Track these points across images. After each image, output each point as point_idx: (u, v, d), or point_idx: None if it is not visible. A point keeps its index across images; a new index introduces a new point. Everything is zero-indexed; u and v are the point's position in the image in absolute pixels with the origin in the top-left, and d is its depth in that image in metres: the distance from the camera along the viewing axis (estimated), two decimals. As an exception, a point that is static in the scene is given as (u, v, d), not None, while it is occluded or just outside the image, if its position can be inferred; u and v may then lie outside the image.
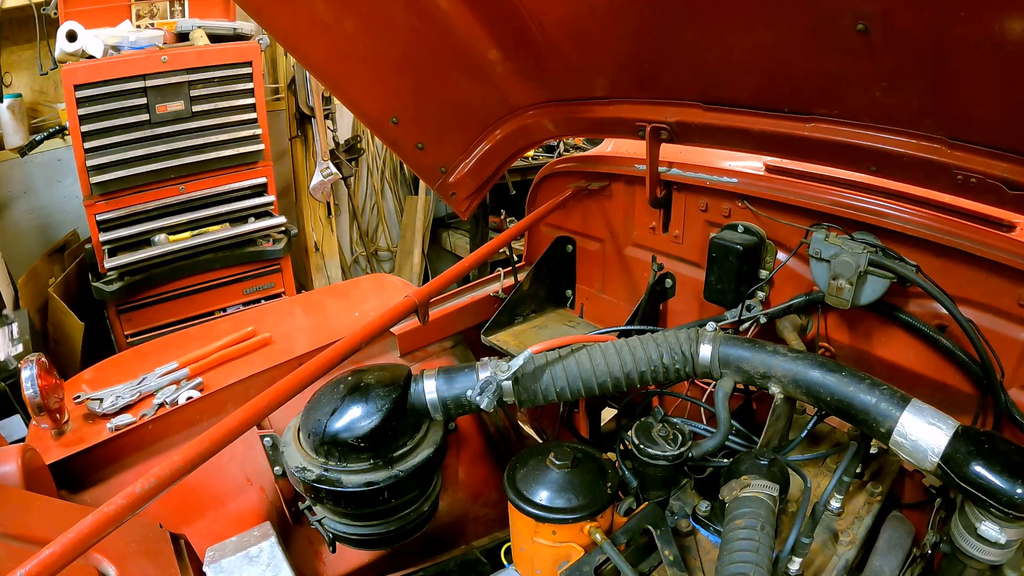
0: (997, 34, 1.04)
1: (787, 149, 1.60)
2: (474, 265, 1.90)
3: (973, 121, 1.27)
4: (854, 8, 1.16)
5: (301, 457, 1.46)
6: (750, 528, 1.16)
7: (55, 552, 0.97)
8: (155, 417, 1.75)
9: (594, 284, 2.33)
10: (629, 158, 2.04)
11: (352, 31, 1.63)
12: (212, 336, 2.15)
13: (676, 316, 2.10)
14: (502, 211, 2.48)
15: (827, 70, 1.36)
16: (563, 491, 1.32)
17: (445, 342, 2.26)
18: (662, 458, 1.38)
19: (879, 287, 1.49)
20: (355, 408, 1.42)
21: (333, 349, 1.47)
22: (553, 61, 1.78)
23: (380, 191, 5.80)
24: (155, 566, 1.28)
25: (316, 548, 1.83)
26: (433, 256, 5.94)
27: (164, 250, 3.56)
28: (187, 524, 1.61)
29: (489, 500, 2.12)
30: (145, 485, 1.09)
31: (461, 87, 1.90)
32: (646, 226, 2.08)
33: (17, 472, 1.39)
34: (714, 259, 1.76)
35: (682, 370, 1.47)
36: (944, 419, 1.18)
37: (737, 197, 1.80)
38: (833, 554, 1.33)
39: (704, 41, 1.47)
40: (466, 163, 2.11)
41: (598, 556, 1.26)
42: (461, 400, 1.45)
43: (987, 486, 1.10)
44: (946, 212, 1.48)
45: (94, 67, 3.24)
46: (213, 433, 1.21)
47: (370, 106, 1.84)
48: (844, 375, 1.30)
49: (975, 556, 1.19)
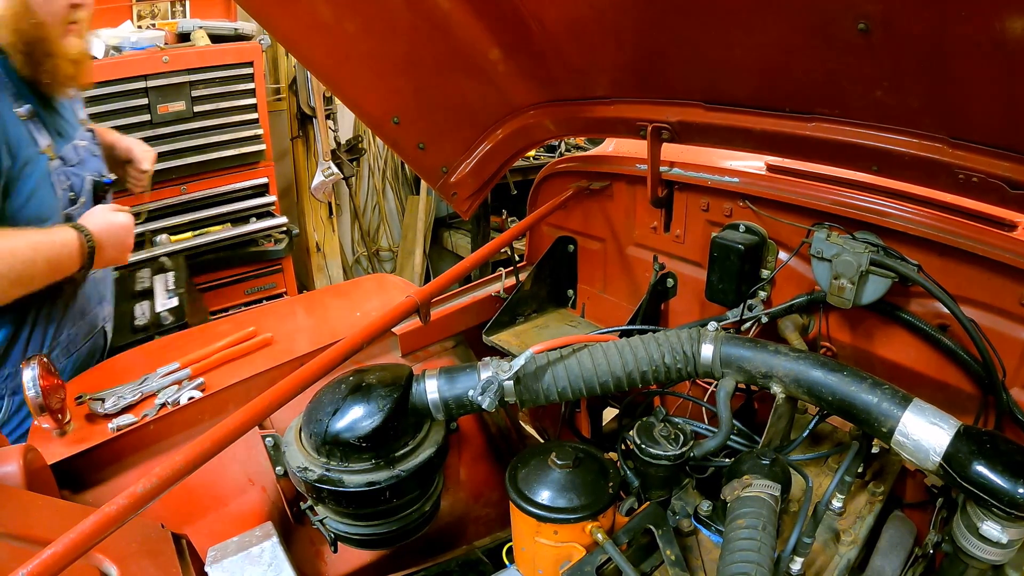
0: (998, 33, 1.04)
1: (788, 149, 1.60)
2: (475, 265, 1.90)
3: (974, 120, 1.27)
4: (855, 8, 1.16)
5: (303, 457, 1.46)
6: (752, 528, 1.16)
7: (57, 552, 0.97)
8: (157, 417, 1.75)
9: (595, 284, 2.33)
10: (630, 158, 2.04)
11: (353, 31, 1.64)
12: (213, 336, 2.15)
13: (677, 316, 2.10)
14: (503, 211, 2.49)
15: (828, 69, 1.35)
16: (565, 491, 1.32)
17: (446, 342, 2.26)
18: (664, 458, 1.38)
19: (881, 287, 1.49)
20: (357, 408, 1.42)
21: (334, 349, 1.47)
22: (554, 61, 1.78)
23: (381, 191, 5.80)
24: (157, 566, 1.28)
25: (318, 548, 1.84)
26: (434, 256, 5.94)
27: (166, 250, 3.57)
28: (189, 524, 1.61)
29: (490, 500, 2.12)
30: (147, 485, 1.09)
31: (462, 87, 1.90)
32: (647, 226, 2.08)
33: (19, 472, 1.39)
34: (715, 259, 1.76)
35: (684, 370, 1.47)
36: (946, 419, 1.18)
37: (739, 197, 1.80)
38: (835, 554, 1.33)
39: (705, 41, 1.47)
40: (467, 163, 2.11)
41: (600, 556, 1.26)
42: (463, 400, 1.45)
43: (989, 486, 1.09)
44: (948, 211, 1.48)
45: (95, 67, 3.23)
46: (215, 433, 1.21)
47: (371, 106, 1.84)
48: (846, 375, 1.30)
49: (977, 556, 1.19)
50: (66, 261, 1.87)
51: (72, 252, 1.87)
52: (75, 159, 2.12)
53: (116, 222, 2.02)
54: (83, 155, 2.17)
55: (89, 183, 2.17)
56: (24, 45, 1.86)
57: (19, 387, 2.08)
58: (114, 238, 2.00)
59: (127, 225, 2.07)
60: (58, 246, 1.85)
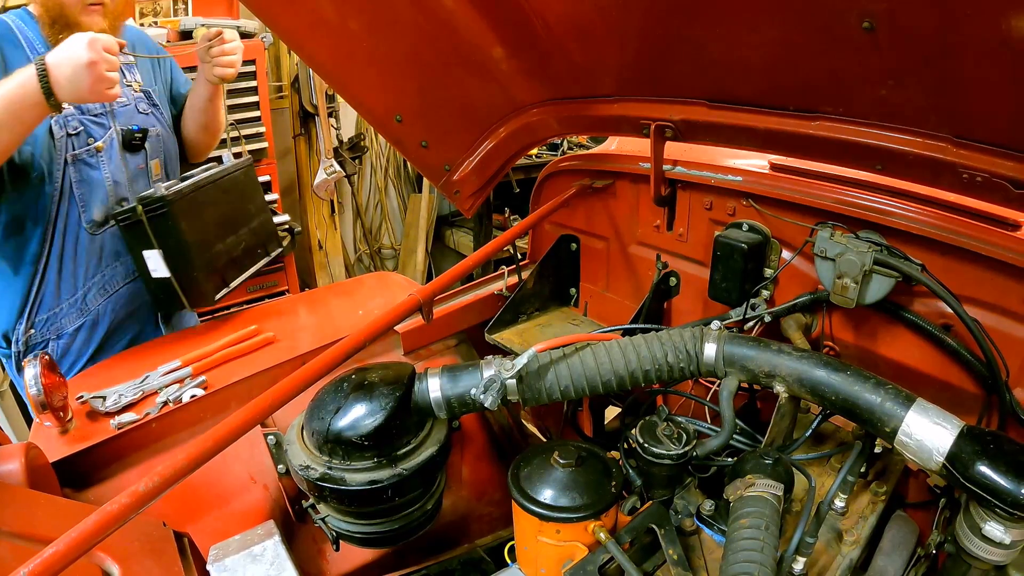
0: (1004, 32, 1.03)
1: (792, 147, 1.60)
2: (478, 263, 1.90)
3: (979, 119, 1.26)
4: (860, 6, 1.16)
5: (305, 455, 1.46)
6: (754, 527, 1.16)
7: (59, 550, 0.97)
8: (159, 415, 1.75)
9: (598, 282, 2.33)
10: (633, 156, 2.03)
11: (356, 29, 1.63)
12: (215, 334, 2.16)
13: (680, 315, 2.10)
14: (506, 209, 2.49)
15: (833, 68, 1.35)
16: (567, 490, 1.32)
17: (449, 340, 2.26)
18: (666, 457, 1.38)
19: (884, 286, 1.49)
20: (359, 406, 1.42)
21: (337, 347, 1.47)
22: (557, 59, 1.78)
23: (384, 189, 5.80)
24: (159, 564, 1.29)
25: (320, 546, 1.84)
26: (437, 254, 5.94)
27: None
28: (191, 522, 1.61)
29: (493, 499, 2.12)
30: (149, 484, 1.09)
31: (465, 85, 1.90)
32: (650, 224, 2.08)
33: (20, 470, 1.40)
34: (719, 257, 1.76)
35: (686, 369, 1.47)
36: (949, 419, 1.18)
37: (742, 195, 1.79)
38: (837, 554, 1.33)
39: (709, 39, 1.47)
40: (470, 161, 2.11)
41: (602, 555, 1.26)
42: (465, 398, 1.45)
43: (992, 486, 1.09)
44: (952, 211, 1.48)
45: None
46: (217, 431, 1.21)
47: (374, 104, 1.84)
48: (849, 374, 1.30)
49: (980, 556, 1.19)
50: (28, 96, 1.78)
51: (29, 87, 1.78)
52: (98, 109, 2.18)
53: (73, 49, 1.77)
54: (114, 107, 2.22)
55: (116, 132, 2.23)
56: (49, 18, 2.05)
57: (62, 329, 2.24)
58: (70, 65, 1.76)
59: (84, 48, 1.76)
60: (15, 83, 1.79)
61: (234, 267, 2.38)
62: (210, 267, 2.22)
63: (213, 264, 2.24)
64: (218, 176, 2.30)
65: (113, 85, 1.82)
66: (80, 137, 2.15)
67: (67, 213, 2.17)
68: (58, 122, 2.09)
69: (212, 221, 2.26)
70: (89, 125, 2.16)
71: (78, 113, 2.14)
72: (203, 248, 2.20)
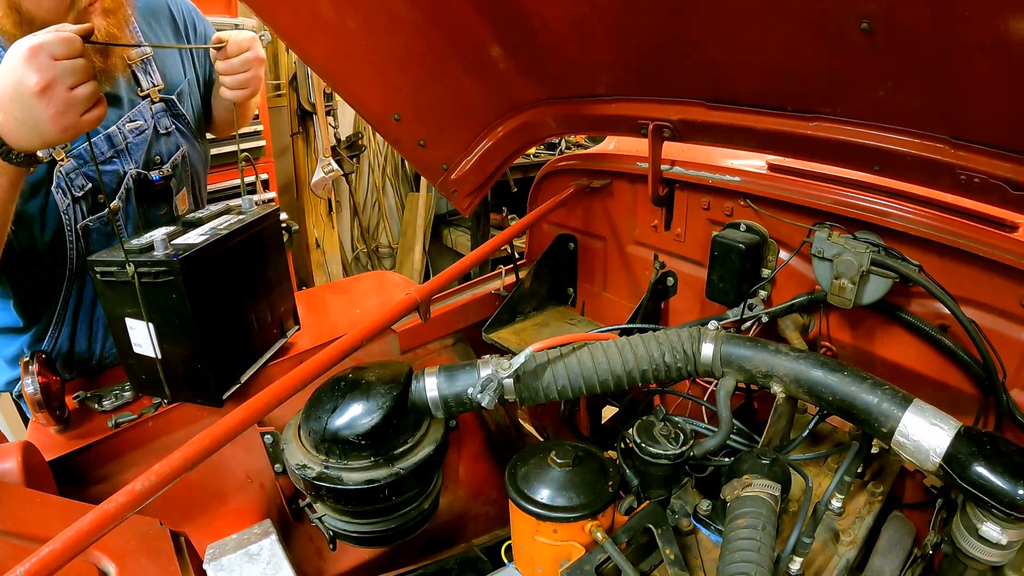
0: (1002, 34, 1.04)
1: (790, 148, 1.60)
2: (475, 263, 1.90)
3: (977, 121, 1.26)
4: (858, 7, 1.16)
5: (302, 454, 1.46)
6: (751, 527, 1.16)
7: (55, 549, 0.97)
8: (156, 414, 1.74)
9: (596, 282, 2.33)
10: (631, 156, 2.03)
11: (355, 28, 1.63)
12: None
13: (678, 315, 2.10)
14: (504, 208, 2.49)
15: (831, 69, 1.35)
16: (564, 490, 1.32)
17: (446, 339, 2.26)
18: (663, 457, 1.38)
19: (881, 287, 1.49)
20: (356, 405, 1.42)
21: (334, 346, 1.47)
22: (556, 58, 1.78)
23: (381, 188, 5.80)
24: (155, 564, 1.28)
25: (316, 545, 1.84)
26: (434, 253, 5.94)
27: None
28: (187, 521, 1.61)
29: (490, 498, 2.12)
30: (145, 483, 1.09)
31: (463, 84, 1.90)
32: (648, 224, 2.08)
33: (17, 469, 1.39)
34: (716, 258, 1.76)
35: (684, 369, 1.47)
36: (946, 419, 1.18)
37: (740, 196, 1.80)
38: (834, 554, 1.33)
39: (708, 39, 1.47)
40: (468, 160, 2.11)
41: (599, 555, 1.26)
42: (462, 398, 1.44)
43: (989, 487, 1.09)
44: (949, 212, 1.48)
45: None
46: (214, 431, 1.21)
47: (372, 103, 1.84)
48: (846, 375, 1.30)
49: (976, 557, 1.19)
50: None
51: None
52: (107, 151, 1.74)
53: (9, 73, 1.21)
54: (128, 140, 1.78)
55: (130, 179, 1.80)
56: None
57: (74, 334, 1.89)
58: (12, 99, 1.22)
59: (23, 67, 1.19)
60: None
61: (242, 354, 1.80)
62: (212, 355, 1.63)
63: (217, 351, 1.65)
64: (240, 231, 1.70)
65: (90, 104, 1.27)
66: (88, 199, 1.71)
67: (80, 291, 1.84)
68: (59, 186, 1.64)
69: (224, 291, 1.67)
70: (105, 175, 1.75)
71: (79, 164, 1.67)
72: (209, 329, 1.60)
